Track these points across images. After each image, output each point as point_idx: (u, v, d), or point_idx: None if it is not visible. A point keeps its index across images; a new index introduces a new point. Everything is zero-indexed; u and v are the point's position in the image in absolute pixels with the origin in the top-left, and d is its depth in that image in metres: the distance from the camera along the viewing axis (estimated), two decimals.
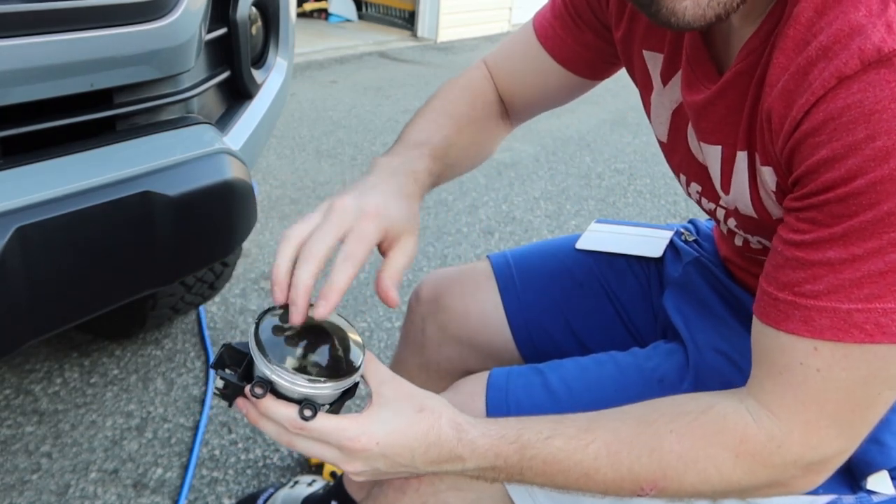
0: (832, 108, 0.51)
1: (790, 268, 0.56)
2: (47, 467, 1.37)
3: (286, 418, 0.61)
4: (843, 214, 0.52)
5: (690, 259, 0.91)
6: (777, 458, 0.59)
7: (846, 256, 0.52)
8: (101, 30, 0.89)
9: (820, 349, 0.55)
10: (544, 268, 0.98)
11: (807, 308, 0.55)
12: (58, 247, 0.85)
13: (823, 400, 0.57)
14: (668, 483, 0.61)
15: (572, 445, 0.62)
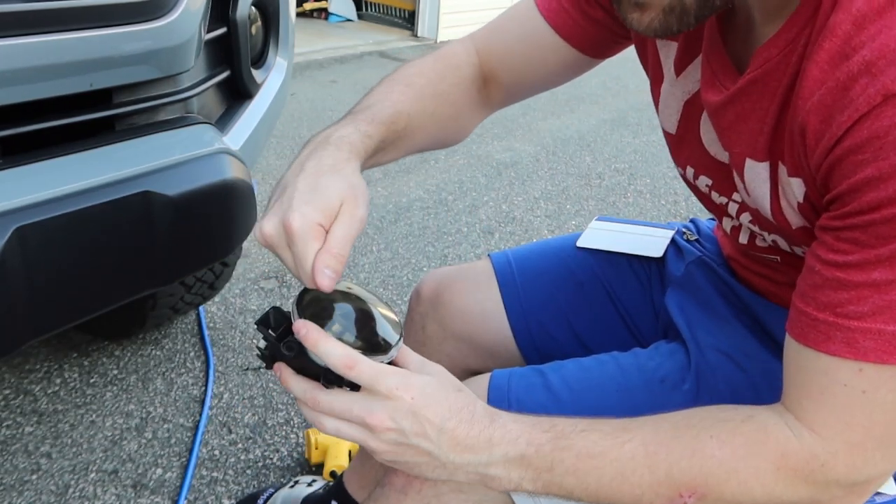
0: (878, 127, 0.49)
1: (830, 288, 0.55)
2: (47, 467, 1.37)
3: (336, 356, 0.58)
4: (889, 236, 0.50)
5: (693, 258, 0.91)
6: (820, 476, 0.57)
7: (893, 278, 0.51)
8: (100, 29, 0.89)
9: (865, 371, 0.54)
10: (545, 267, 0.98)
11: (850, 329, 0.54)
12: (57, 247, 0.85)
13: (870, 422, 0.55)
14: (709, 491, 0.59)
15: (608, 442, 0.60)
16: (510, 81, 0.90)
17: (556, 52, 0.86)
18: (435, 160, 3.21)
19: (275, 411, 1.57)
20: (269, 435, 1.50)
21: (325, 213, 0.63)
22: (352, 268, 2.22)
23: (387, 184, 2.91)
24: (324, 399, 0.60)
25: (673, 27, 0.59)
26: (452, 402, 0.60)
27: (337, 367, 0.58)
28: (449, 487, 0.74)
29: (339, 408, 0.59)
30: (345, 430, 0.61)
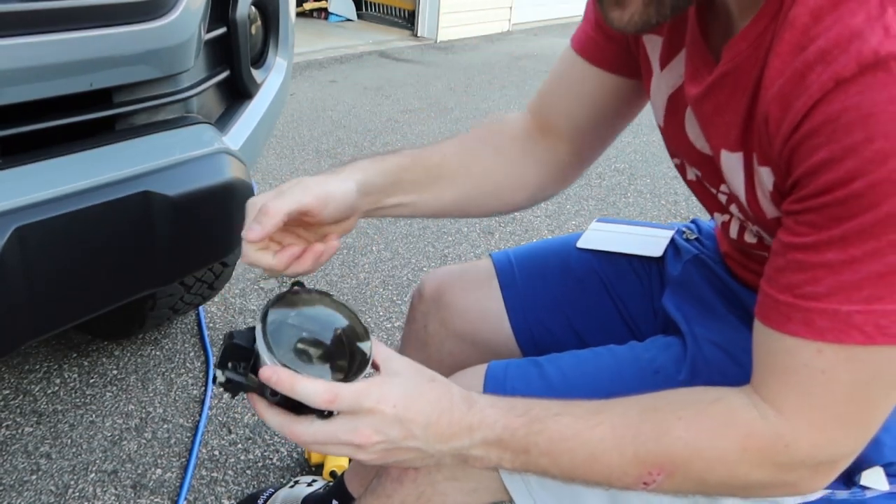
0: (830, 111, 0.51)
1: (790, 270, 0.56)
2: (46, 468, 1.37)
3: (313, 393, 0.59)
4: (841, 217, 0.52)
5: (690, 257, 0.91)
6: (784, 456, 0.59)
7: (845, 258, 0.52)
8: (100, 29, 0.89)
9: (824, 351, 0.55)
10: (546, 266, 0.98)
11: (808, 310, 0.55)
12: (57, 247, 0.85)
13: (830, 402, 0.57)
14: (675, 470, 0.61)
15: (580, 425, 0.62)
16: (568, 127, 0.90)
17: (595, 83, 0.86)
18: None
19: None
20: (269, 435, 1.50)
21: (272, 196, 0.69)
22: (352, 267, 2.22)
23: None
24: (305, 432, 0.61)
25: (652, 19, 0.60)
26: (430, 395, 0.63)
27: (319, 405, 0.59)
28: (443, 476, 0.75)
29: (323, 437, 0.61)
30: (332, 450, 0.62)
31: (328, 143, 3.29)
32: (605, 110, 0.88)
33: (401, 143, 3.40)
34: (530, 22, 7.13)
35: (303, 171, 2.95)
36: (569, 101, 0.89)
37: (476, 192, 0.88)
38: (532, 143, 0.91)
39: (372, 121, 3.68)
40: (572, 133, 0.90)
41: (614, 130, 0.92)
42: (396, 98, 4.13)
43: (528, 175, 0.91)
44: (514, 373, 0.80)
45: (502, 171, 0.89)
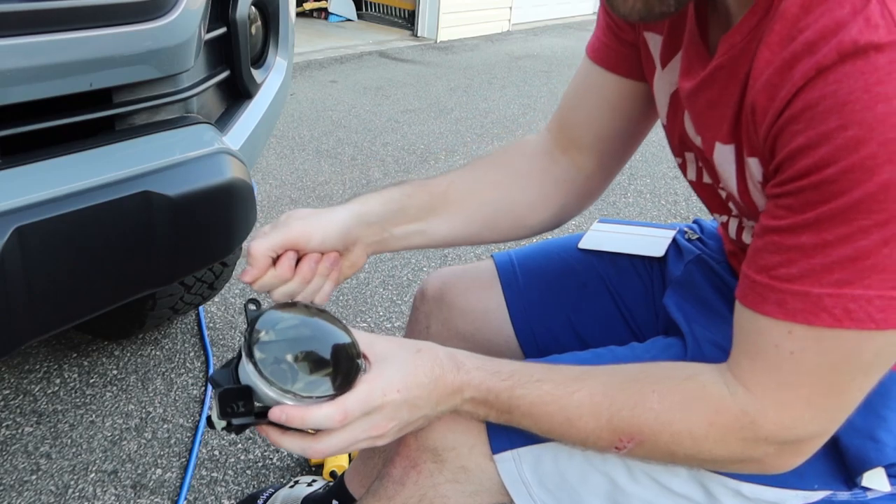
0: (809, 98, 0.52)
1: (767, 252, 0.58)
2: (46, 468, 1.37)
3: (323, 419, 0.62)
4: (815, 201, 0.53)
5: (692, 257, 0.91)
6: (749, 432, 0.61)
7: (818, 242, 0.54)
8: (100, 29, 0.89)
9: (794, 332, 0.57)
10: (547, 266, 0.98)
11: (781, 291, 0.57)
12: (57, 247, 0.84)
13: (797, 382, 0.59)
14: (645, 438, 0.64)
15: (560, 391, 0.66)
16: (591, 138, 0.89)
17: (613, 88, 0.86)
18: (435, 160, 3.21)
19: None
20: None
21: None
22: None
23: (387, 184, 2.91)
24: (327, 446, 0.63)
25: (655, 9, 0.60)
26: (423, 367, 0.66)
27: (335, 426, 0.62)
28: (445, 478, 0.75)
29: (345, 444, 0.64)
30: (353, 448, 0.66)
31: (328, 143, 3.29)
32: (626, 116, 0.88)
33: (401, 143, 3.40)
34: (530, 22, 7.13)
35: (302, 171, 2.95)
36: (589, 110, 0.88)
37: (491, 215, 0.88)
38: (551, 160, 0.90)
39: (372, 121, 3.68)
40: (595, 143, 0.89)
41: (637, 137, 0.91)
42: (396, 98, 4.13)
43: (549, 194, 0.90)
44: None
45: (519, 191, 0.89)
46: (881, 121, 0.49)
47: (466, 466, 0.75)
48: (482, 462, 0.75)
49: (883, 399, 0.68)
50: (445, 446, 0.75)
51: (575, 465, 0.73)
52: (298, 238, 0.74)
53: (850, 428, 0.67)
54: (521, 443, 0.74)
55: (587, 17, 7.96)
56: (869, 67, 0.49)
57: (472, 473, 0.75)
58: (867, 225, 0.51)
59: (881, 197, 0.50)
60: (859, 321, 0.54)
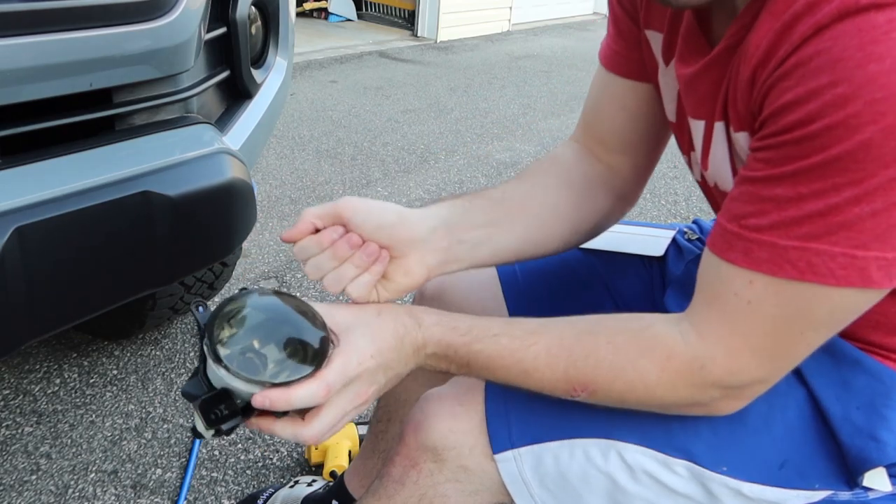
0: (803, 55, 0.52)
1: (741, 201, 0.59)
2: (46, 468, 1.37)
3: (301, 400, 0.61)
4: (796, 155, 0.53)
5: (693, 257, 0.91)
6: (698, 377, 0.63)
7: (792, 195, 0.54)
8: (100, 29, 0.89)
9: (755, 282, 0.58)
10: (547, 266, 0.98)
11: (749, 240, 0.58)
12: (57, 247, 0.84)
13: (749, 331, 0.60)
14: (598, 388, 0.66)
15: (516, 345, 0.68)
16: (618, 143, 0.89)
17: (628, 94, 0.86)
18: (435, 160, 3.21)
19: None
20: (269, 435, 1.50)
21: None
22: None
23: (387, 184, 2.91)
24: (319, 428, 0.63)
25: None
26: (387, 328, 0.67)
27: (317, 402, 0.62)
28: (445, 477, 0.75)
29: (334, 420, 0.64)
30: (343, 422, 0.66)
31: (328, 143, 3.29)
32: (647, 118, 0.87)
33: (401, 143, 3.40)
34: (530, 22, 7.13)
35: (302, 171, 2.95)
36: (612, 117, 0.88)
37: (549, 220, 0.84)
38: (590, 166, 0.89)
39: (372, 121, 3.68)
40: (624, 148, 0.89)
41: (664, 136, 0.90)
42: (396, 98, 4.13)
43: (597, 197, 0.88)
44: None
45: (570, 197, 0.86)
46: (871, 80, 0.49)
47: (467, 466, 0.75)
48: (483, 461, 0.74)
49: (884, 399, 0.68)
50: (446, 446, 0.75)
51: (576, 465, 0.73)
52: (343, 209, 0.70)
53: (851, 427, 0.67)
54: (522, 443, 0.74)
55: (587, 17, 7.96)
56: (866, 25, 0.49)
57: (472, 473, 0.75)
58: (842, 182, 0.52)
59: (860, 156, 0.50)
60: (821, 276, 0.55)
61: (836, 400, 0.69)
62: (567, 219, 0.85)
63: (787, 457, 0.69)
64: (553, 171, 0.88)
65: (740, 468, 0.69)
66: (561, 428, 0.74)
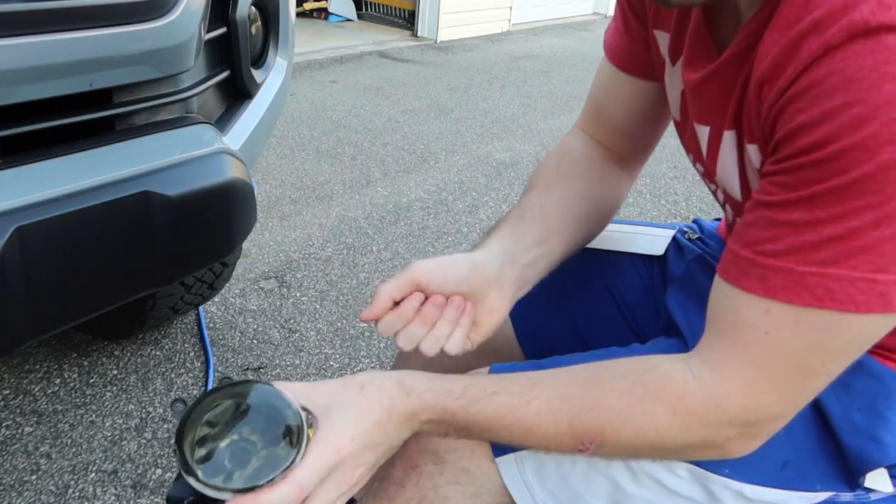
0: (815, 76, 0.51)
1: (757, 227, 0.57)
2: (46, 468, 1.37)
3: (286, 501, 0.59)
4: (813, 179, 0.52)
5: (694, 256, 0.91)
6: (713, 416, 0.60)
7: (810, 219, 0.53)
8: (100, 29, 0.89)
9: (772, 311, 0.56)
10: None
11: (764, 266, 0.56)
12: (57, 247, 0.84)
13: (768, 363, 0.58)
14: (606, 438, 0.63)
15: (515, 402, 0.65)
16: (619, 130, 0.92)
17: (630, 89, 0.88)
18: (435, 160, 3.21)
19: None
20: None
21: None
22: (352, 267, 2.22)
23: (387, 184, 2.91)
24: None
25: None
26: (370, 405, 0.64)
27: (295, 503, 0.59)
28: (446, 479, 0.75)
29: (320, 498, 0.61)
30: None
31: (328, 143, 3.29)
32: (647, 111, 0.90)
33: (401, 143, 3.40)
34: (530, 22, 7.13)
35: (303, 171, 2.95)
36: (613, 108, 0.91)
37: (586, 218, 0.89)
38: (600, 156, 0.93)
39: (372, 121, 3.68)
40: (625, 134, 0.92)
41: (664, 124, 0.93)
42: (396, 98, 4.13)
43: (611, 183, 0.93)
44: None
45: (596, 192, 0.90)
46: (887, 100, 0.48)
47: (468, 468, 0.75)
48: (484, 464, 0.74)
49: (885, 400, 0.68)
50: (447, 448, 0.74)
51: (578, 468, 0.73)
52: (419, 276, 0.72)
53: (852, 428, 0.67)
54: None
55: (587, 17, 7.96)
56: (879, 46, 0.49)
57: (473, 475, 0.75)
58: (861, 206, 0.51)
59: (879, 178, 0.49)
60: (840, 302, 0.53)
61: (836, 401, 0.68)
62: (598, 211, 0.91)
63: (789, 458, 0.69)
64: (575, 171, 0.91)
65: (742, 470, 0.69)
66: None
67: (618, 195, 0.95)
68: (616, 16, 0.88)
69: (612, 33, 0.89)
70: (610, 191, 0.93)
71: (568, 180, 0.90)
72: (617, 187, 0.94)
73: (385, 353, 1.80)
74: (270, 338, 1.82)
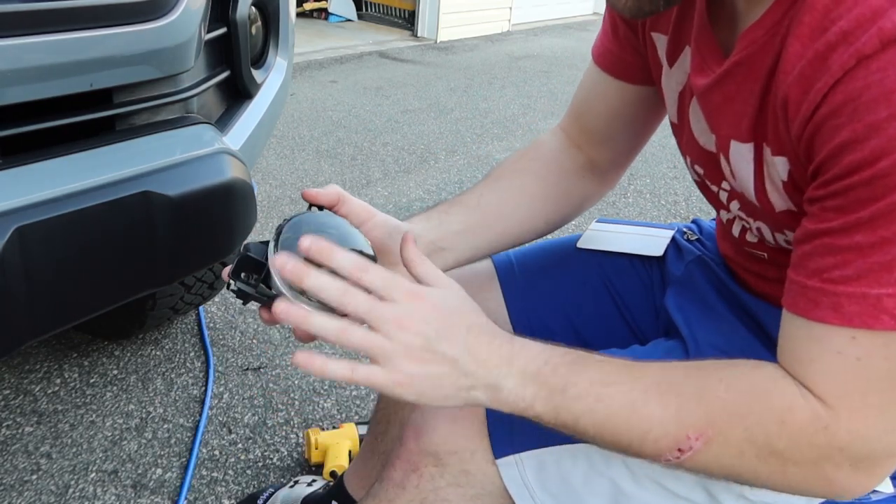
0: (851, 89, 0.50)
1: (818, 255, 0.55)
2: (46, 468, 1.37)
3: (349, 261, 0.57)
4: (869, 198, 0.50)
5: (693, 258, 0.91)
6: (822, 438, 0.55)
7: (875, 240, 0.51)
8: (100, 29, 0.89)
9: (857, 338, 0.53)
10: (547, 266, 0.98)
11: (835, 294, 0.53)
12: (57, 247, 0.84)
13: (868, 389, 0.54)
14: (715, 435, 0.57)
15: (624, 373, 0.60)
16: (601, 136, 0.93)
17: (615, 93, 0.89)
18: (435, 160, 3.21)
19: (275, 411, 1.57)
20: (269, 435, 1.50)
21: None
22: None
23: (387, 184, 2.91)
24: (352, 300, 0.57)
25: (645, 7, 0.61)
26: (473, 313, 0.62)
27: (350, 272, 0.57)
28: (446, 481, 0.75)
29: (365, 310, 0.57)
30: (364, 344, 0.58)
31: (328, 143, 3.29)
32: (631, 118, 0.91)
33: (401, 143, 3.40)
34: (530, 22, 7.13)
35: (303, 171, 2.95)
36: (598, 112, 0.92)
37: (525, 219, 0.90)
38: (569, 157, 0.94)
39: (372, 121, 3.68)
40: (606, 141, 0.93)
41: (646, 134, 0.94)
42: (396, 98, 4.13)
43: (571, 190, 0.94)
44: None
45: (544, 193, 0.92)
46: None
47: (468, 470, 0.74)
48: (484, 466, 0.74)
49: None
50: (447, 450, 0.74)
51: (579, 469, 0.73)
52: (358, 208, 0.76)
53: None
54: (524, 447, 0.73)
55: (587, 18, 7.96)
56: None
57: (473, 477, 0.75)
58: None
59: None
60: None
61: None
62: (542, 214, 0.92)
63: None
64: (530, 168, 0.92)
65: None
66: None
67: (582, 199, 0.95)
68: (605, 20, 0.89)
69: (601, 37, 0.89)
70: (570, 195, 0.93)
71: (521, 176, 0.91)
72: (580, 192, 0.94)
73: None
74: (270, 338, 1.82)
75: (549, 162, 0.93)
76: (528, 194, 0.90)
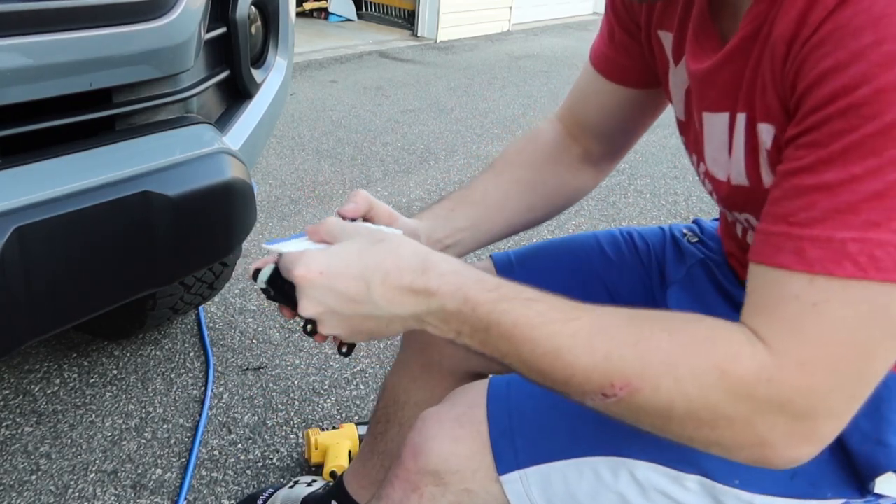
0: (840, 17, 0.48)
1: (787, 199, 0.52)
2: (46, 468, 1.37)
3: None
4: (843, 130, 0.47)
5: (695, 260, 0.91)
6: (763, 391, 0.51)
7: (845, 177, 0.48)
8: (100, 29, 0.89)
9: (815, 282, 0.50)
10: (547, 266, 0.98)
11: (799, 238, 0.50)
12: (57, 247, 0.84)
13: (821, 339, 0.50)
14: (642, 385, 0.54)
15: (553, 316, 0.56)
16: (597, 131, 0.96)
17: (609, 95, 0.91)
18: (435, 160, 3.21)
19: (274, 411, 1.57)
20: (269, 435, 1.50)
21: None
22: None
23: (387, 184, 2.91)
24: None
25: None
26: (370, 257, 0.60)
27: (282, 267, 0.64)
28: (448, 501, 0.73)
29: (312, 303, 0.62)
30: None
31: (328, 143, 3.29)
32: (624, 118, 0.93)
33: (401, 143, 3.40)
34: (530, 22, 7.13)
35: (303, 171, 2.95)
36: (593, 111, 0.94)
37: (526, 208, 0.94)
38: (564, 148, 0.97)
39: (372, 121, 3.68)
40: (601, 136, 0.95)
41: (639, 131, 0.97)
42: (396, 98, 4.13)
43: (567, 179, 0.97)
44: (518, 388, 0.77)
45: (542, 187, 0.95)
46: None
47: (470, 489, 0.73)
48: (487, 484, 0.72)
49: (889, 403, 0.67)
50: (448, 469, 0.72)
51: (585, 485, 0.71)
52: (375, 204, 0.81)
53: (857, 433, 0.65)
54: (529, 463, 0.72)
55: (587, 17, 7.96)
56: None
57: (476, 495, 0.73)
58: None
59: None
60: (886, 271, 0.47)
61: None
62: (540, 205, 0.96)
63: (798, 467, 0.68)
64: (533, 159, 0.96)
65: (752, 480, 0.68)
66: (569, 447, 0.71)
67: (578, 188, 0.99)
68: (602, 23, 0.90)
69: (597, 41, 0.91)
70: (569, 184, 0.97)
71: (524, 168, 0.95)
72: (578, 181, 0.98)
73: (385, 354, 1.80)
74: (270, 338, 1.82)
75: (548, 155, 0.96)
76: (527, 188, 0.94)
